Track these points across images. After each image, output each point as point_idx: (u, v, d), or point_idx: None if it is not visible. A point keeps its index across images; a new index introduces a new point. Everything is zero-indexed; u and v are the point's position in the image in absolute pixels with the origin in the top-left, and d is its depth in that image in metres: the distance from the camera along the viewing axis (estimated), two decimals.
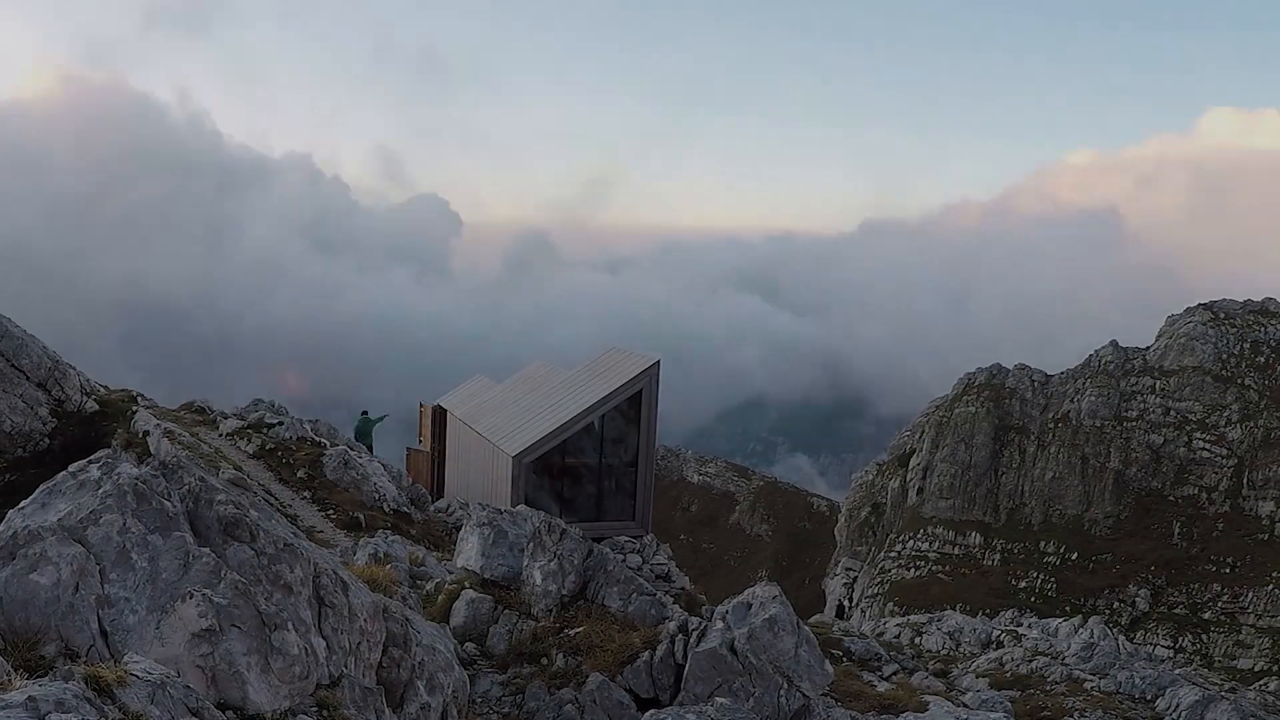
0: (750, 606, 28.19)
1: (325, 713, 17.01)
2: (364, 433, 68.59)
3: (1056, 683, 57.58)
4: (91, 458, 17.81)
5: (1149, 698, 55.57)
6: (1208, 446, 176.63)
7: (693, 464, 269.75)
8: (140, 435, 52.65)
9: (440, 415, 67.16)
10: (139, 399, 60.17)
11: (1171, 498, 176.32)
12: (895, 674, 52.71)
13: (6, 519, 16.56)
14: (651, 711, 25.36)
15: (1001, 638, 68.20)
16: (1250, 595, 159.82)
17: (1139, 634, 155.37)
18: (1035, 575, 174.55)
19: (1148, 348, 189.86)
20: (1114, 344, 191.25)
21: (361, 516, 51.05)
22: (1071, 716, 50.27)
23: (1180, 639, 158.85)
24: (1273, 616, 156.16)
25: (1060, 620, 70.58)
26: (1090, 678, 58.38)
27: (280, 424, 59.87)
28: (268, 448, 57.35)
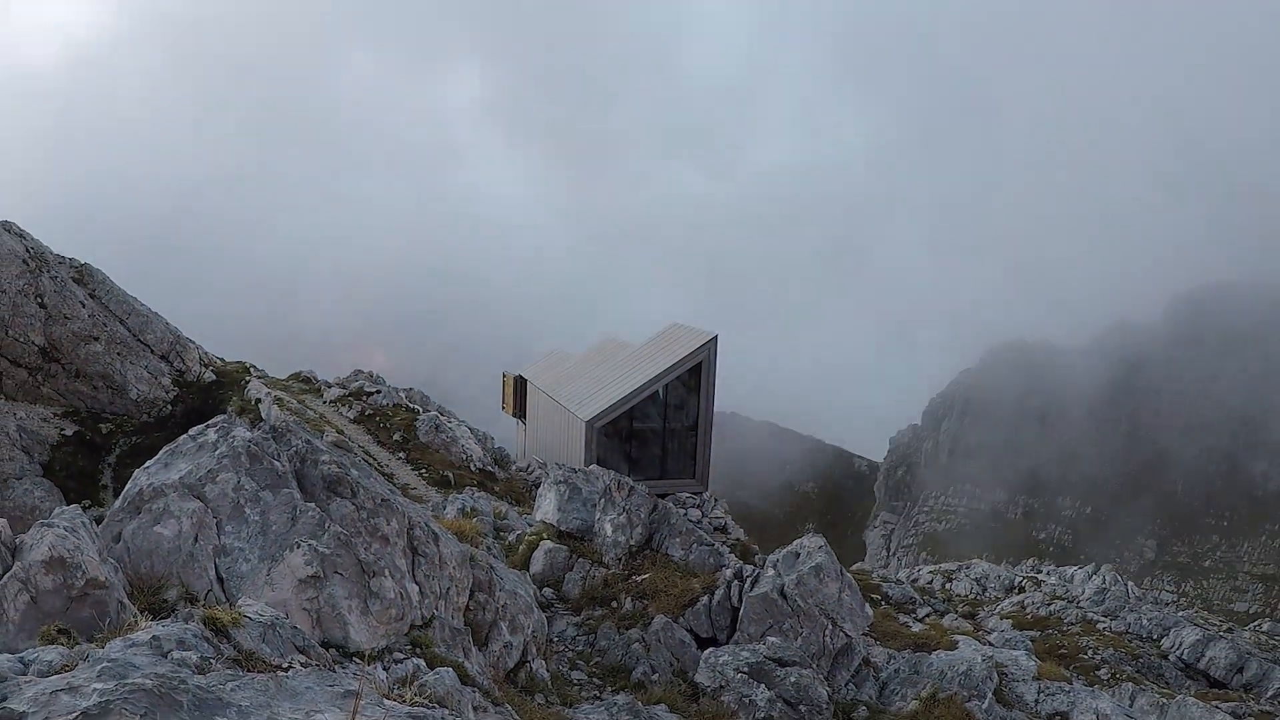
0: (799, 555, 28.07)
1: (418, 650, 16.97)
2: None
3: (1072, 624, 57.25)
4: (209, 422, 17.81)
5: (1155, 637, 55.21)
6: (1208, 412, 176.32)
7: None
8: (253, 402, 52.84)
9: (521, 384, 67.30)
10: (251, 370, 60.34)
11: (1176, 458, 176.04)
12: (928, 616, 52.50)
13: (133, 477, 16.57)
14: (710, 649, 25.33)
15: (1023, 584, 67.83)
16: (1245, 546, 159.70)
17: (1146, 580, 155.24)
18: (1053, 528, 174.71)
19: (1155, 323, 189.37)
20: (1124, 320, 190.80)
21: (451, 475, 51.07)
22: (1086, 654, 49.96)
23: (1183, 585, 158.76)
24: (1266, 565, 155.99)
25: (1076, 568, 70.18)
26: (1102, 619, 58.04)
27: (378, 392, 59.99)
28: (367, 413, 57.49)
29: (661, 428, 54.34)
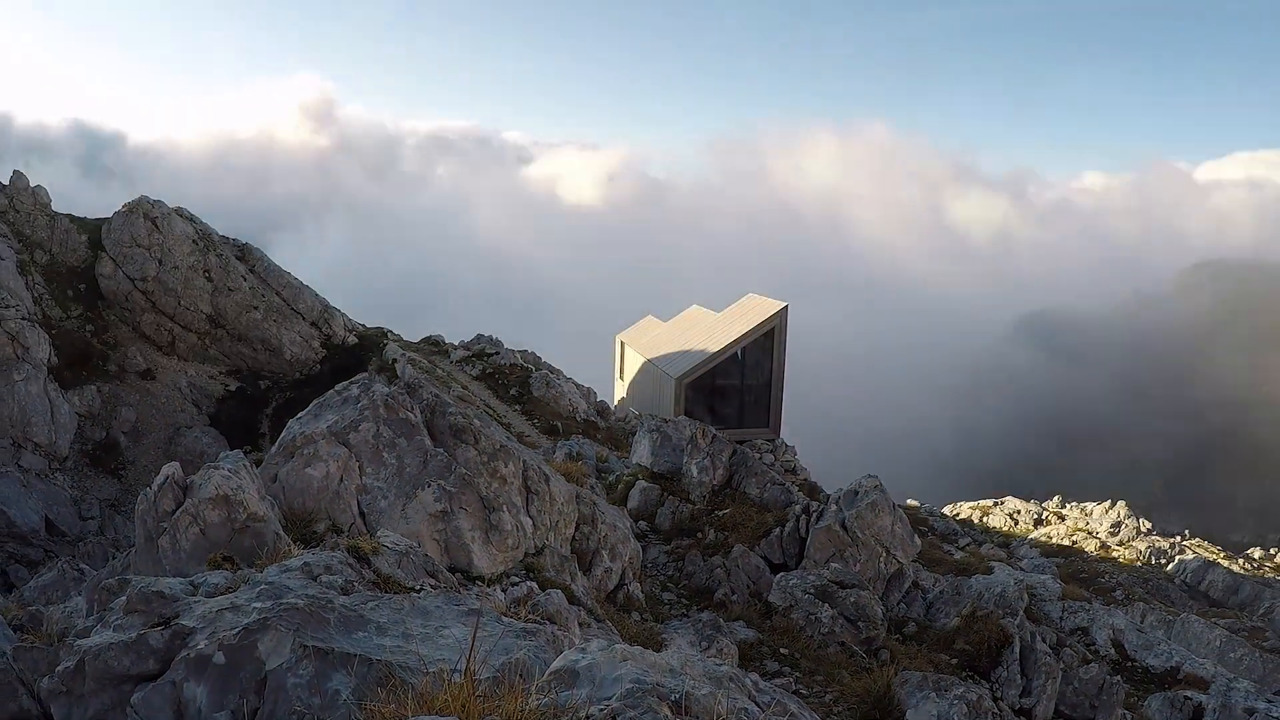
0: (857, 493, 27.98)
1: (532, 575, 16.99)
2: None
3: (1091, 552, 57.06)
4: (352, 379, 17.89)
5: (1163, 563, 55.05)
6: (1211, 372, 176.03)
7: None
8: (390, 362, 52.96)
9: (620, 346, 67.65)
10: (388, 334, 60.56)
11: (1183, 411, 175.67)
12: (968, 545, 52.33)
13: (287, 427, 16.68)
14: (782, 574, 25.26)
15: (1049, 518, 67.65)
16: (1240, 485, 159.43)
17: (1155, 515, 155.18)
18: (1076, 469, 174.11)
19: (1165, 295, 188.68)
20: (1135, 293, 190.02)
21: (559, 424, 51.17)
22: (1103, 578, 49.72)
23: (1187, 519, 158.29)
24: (1258, 501, 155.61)
25: (1094, 504, 69.98)
26: (1117, 548, 57.87)
27: (497, 353, 60.08)
28: (488, 372, 57.67)
29: (740, 384, 54.46)
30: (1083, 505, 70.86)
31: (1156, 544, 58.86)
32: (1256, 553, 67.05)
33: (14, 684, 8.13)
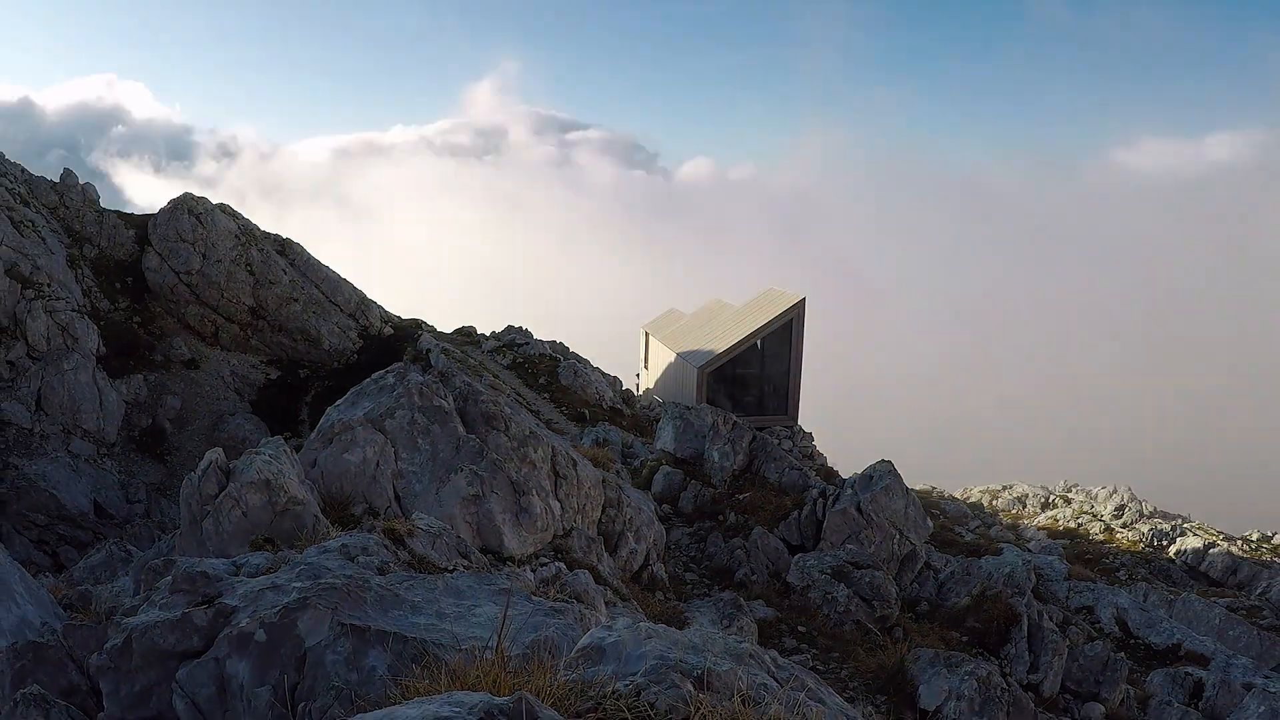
0: (872, 478, 27.96)
1: (560, 556, 17.01)
2: None
3: (1096, 534, 56.92)
4: (388, 369, 17.91)
5: (1164, 545, 54.92)
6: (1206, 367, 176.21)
7: None
8: (424, 352, 53.05)
9: (644, 336, 67.79)
10: (423, 325, 60.65)
11: (1183, 403, 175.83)
12: (978, 527, 52.26)
13: (326, 414, 16.73)
14: (800, 555, 25.27)
15: (1056, 501, 67.49)
16: (1239, 470, 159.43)
17: (1157, 498, 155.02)
18: (1080, 454, 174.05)
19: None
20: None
21: (586, 411, 51.19)
22: (1107, 558, 49.66)
23: (1187, 502, 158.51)
24: (1257, 486, 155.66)
25: (1099, 488, 69.80)
26: (1121, 530, 57.72)
27: (527, 344, 60.15)
28: (518, 361, 57.73)
29: (760, 373, 54.45)
30: (1088, 489, 70.70)
31: (1158, 526, 58.70)
32: (1255, 534, 66.84)
33: (64, 660, 8.17)
